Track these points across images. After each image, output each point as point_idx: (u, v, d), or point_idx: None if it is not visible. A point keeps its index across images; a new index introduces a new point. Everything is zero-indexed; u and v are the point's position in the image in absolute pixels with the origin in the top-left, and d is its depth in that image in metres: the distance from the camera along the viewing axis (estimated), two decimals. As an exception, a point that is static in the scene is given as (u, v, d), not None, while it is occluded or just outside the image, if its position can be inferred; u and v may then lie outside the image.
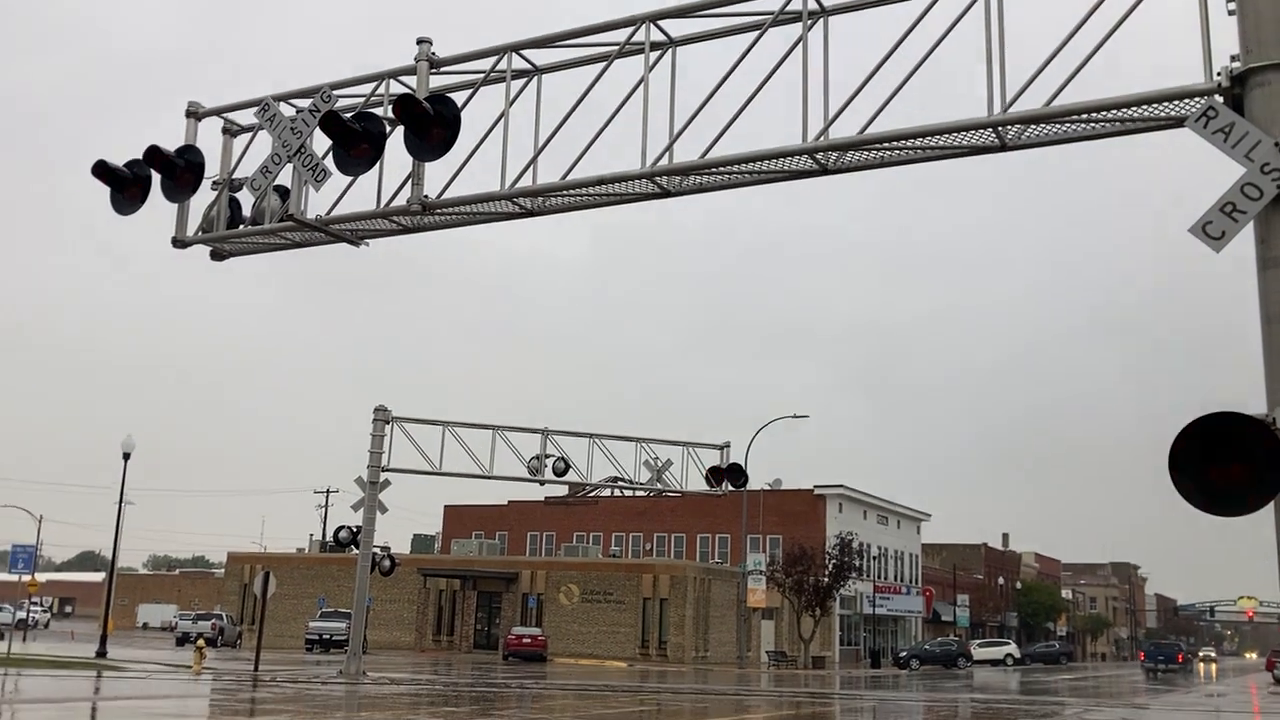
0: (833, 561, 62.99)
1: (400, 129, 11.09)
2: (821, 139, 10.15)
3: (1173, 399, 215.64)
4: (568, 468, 35.85)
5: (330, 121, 11.00)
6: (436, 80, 11.77)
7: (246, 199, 12.63)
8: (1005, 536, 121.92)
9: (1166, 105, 9.00)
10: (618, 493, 73.83)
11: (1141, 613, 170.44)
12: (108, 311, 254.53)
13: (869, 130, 9.95)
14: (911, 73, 9.84)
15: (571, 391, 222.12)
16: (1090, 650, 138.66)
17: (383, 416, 34.80)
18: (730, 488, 37.26)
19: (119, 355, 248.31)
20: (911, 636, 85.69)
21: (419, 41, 11.79)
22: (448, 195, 11.58)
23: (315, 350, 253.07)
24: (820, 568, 62.57)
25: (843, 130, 10.08)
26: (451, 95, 11.49)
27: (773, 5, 10.52)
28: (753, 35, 10.59)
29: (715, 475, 36.20)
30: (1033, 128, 9.73)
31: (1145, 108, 9.09)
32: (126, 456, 39.62)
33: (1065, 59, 9.22)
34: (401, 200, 11.64)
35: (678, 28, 11.08)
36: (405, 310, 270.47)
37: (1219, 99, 8.33)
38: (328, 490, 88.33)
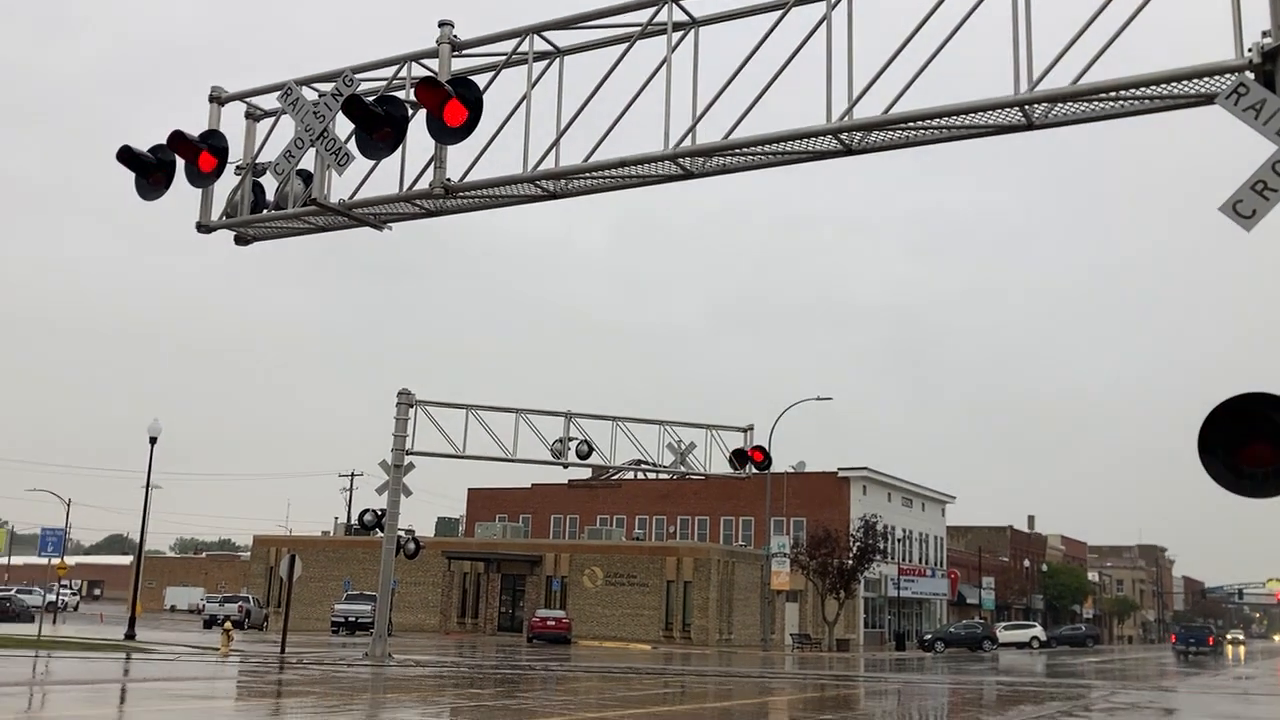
0: (857, 544, 62.92)
1: (422, 112, 11.08)
2: (846, 119, 10.06)
3: (1202, 380, 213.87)
4: (591, 450, 35.95)
5: (352, 105, 10.99)
6: (459, 63, 11.73)
7: (270, 183, 12.65)
8: (1031, 519, 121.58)
9: (1196, 82, 8.88)
10: (641, 475, 74.01)
11: (1169, 595, 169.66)
12: (134, 296, 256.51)
13: (894, 110, 9.86)
14: (936, 51, 9.74)
15: (594, 374, 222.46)
16: (1117, 633, 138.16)
17: (406, 400, 34.92)
18: (754, 470, 37.29)
19: (145, 340, 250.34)
20: (936, 619, 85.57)
21: (441, 24, 11.76)
22: (470, 178, 11.57)
23: (340, 334, 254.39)
24: (844, 550, 62.51)
25: (867, 110, 10.00)
26: (474, 78, 11.47)
27: (796, -16, 10.42)
28: (775, 15, 10.50)
29: (739, 458, 36.25)
30: (1060, 106, 9.63)
31: (1174, 85, 8.97)
32: (153, 441, 39.95)
33: (1093, 36, 9.11)
34: (424, 184, 11.62)
35: (700, 7, 11.02)
36: (429, 294, 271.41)
37: (1250, 75, 8.22)
38: (352, 474, 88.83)
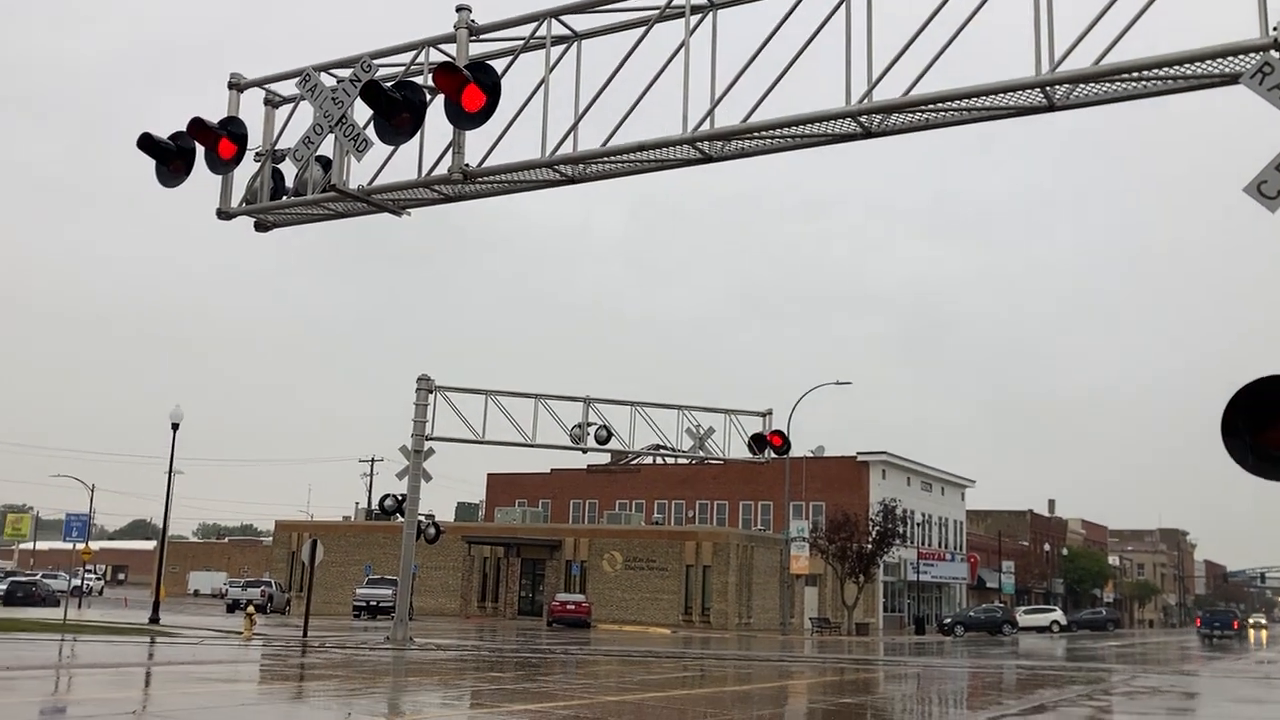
0: (876, 528, 62.89)
1: (440, 97, 11.07)
2: (865, 101, 10.00)
3: (1225, 363, 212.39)
4: (610, 435, 35.97)
5: (371, 91, 10.98)
6: (476, 48, 11.71)
7: (289, 170, 12.66)
8: (1051, 503, 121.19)
9: (1220, 62, 8.78)
10: (660, 460, 74.10)
11: (1190, 579, 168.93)
12: (155, 283, 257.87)
13: (914, 92, 9.80)
14: (956, 33, 9.67)
15: (612, 359, 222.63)
16: (1138, 617, 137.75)
17: (426, 385, 35.01)
18: (773, 455, 37.23)
19: (167, 326, 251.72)
20: (956, 603, 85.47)
21: (458, 9, 11.73)
22: (488, 163, 11.56)
23: (361, 320, 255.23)
24: (863, 534, 62.49)
25: (887, 92, 9.94)
26: (491, 63, 11.45)
27: (815, -34, 10.36)
28: (795, -3, 10.44)
29: (757, 442, 36.21)
30: (1081, 87, 9.54)
31: (1198, 64, 8.88)
32: (175, 427, 40.19)
33: (1115, 15, 9.02)
34: (442, 169, 11.62)
35: (718, -10, 10.93)
36: (447, 280, 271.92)
37: (1275, 54, 8.13)
38: (372, 459, 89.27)
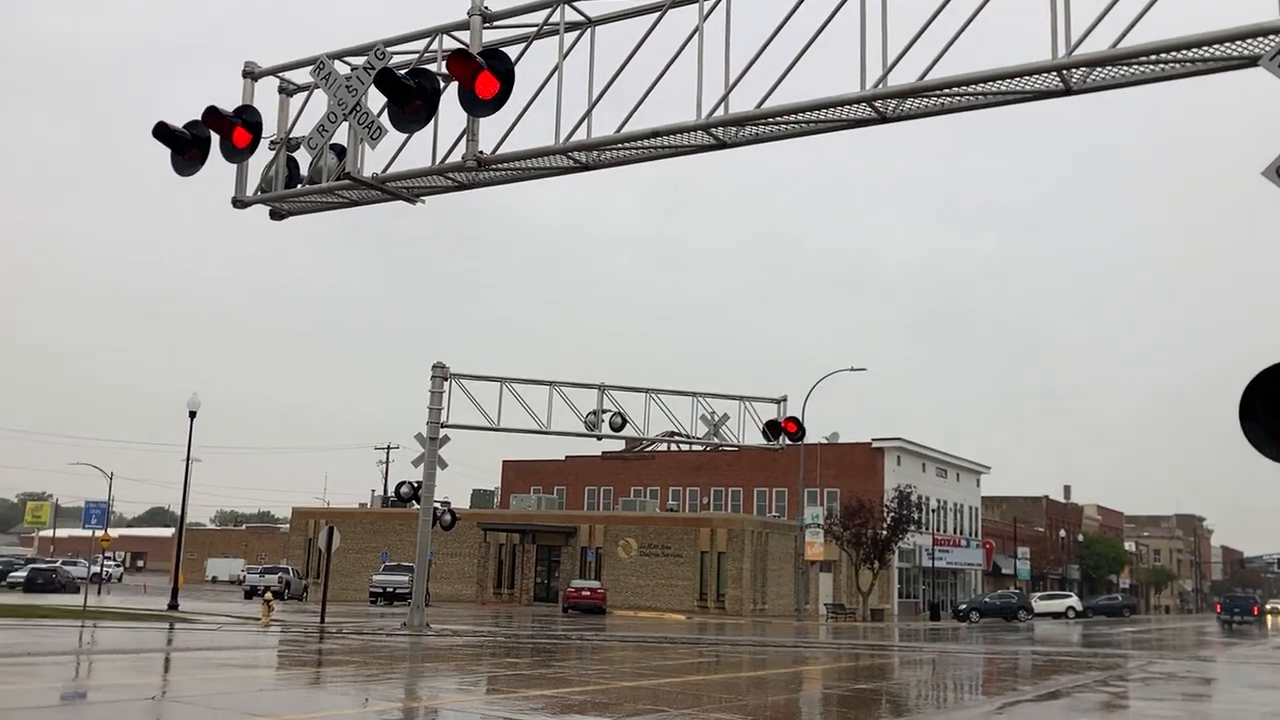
0: (891, 515, 62.83)
1: (454, 85, 11.06)
2: (880, 86, 9.96)
3: (1242, 348, 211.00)
4: (624, 422, 35.98)
5: (385, 78, 10.98)
6: (490, 34, 11.70)
7: (304, 158, 12.68)
8: (1067, 489, 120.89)
9: (1239, 44, 8.71)
10: (674, 447, 74.10)
11: (1207, 565, 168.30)
12: (171, 271, 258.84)
13: (929, 76, 9.75)
14: (972, 17, 9.61)
15: (626, 346, 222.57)
16: (1154, 603, 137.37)
17: (441, 373, 35.08)
18: (787, 441, 37.23)
19: (186, 313, 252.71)
20: (971, 589, 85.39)
21: (472, -5, 11.71)
22: (502, 150, 11.55)
23: (375, 309, 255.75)
24: (878, 521, 62.44)
25: (902, 77, 9.90)
26: (505, 49, 11.43)
27: (828, -51, 10.30)
28: (809, -20, 10.39)
29: (772, 429, 36.20)
30: (1098, 70, 9.48)
31: (1216, 47, 8.81)
32: (192, 415, 40.41)
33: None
34: (456, 156, 11.62)
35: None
36: (464, 266, 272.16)
37: (1295, 36, 8.06)
38: (388, 446, 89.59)
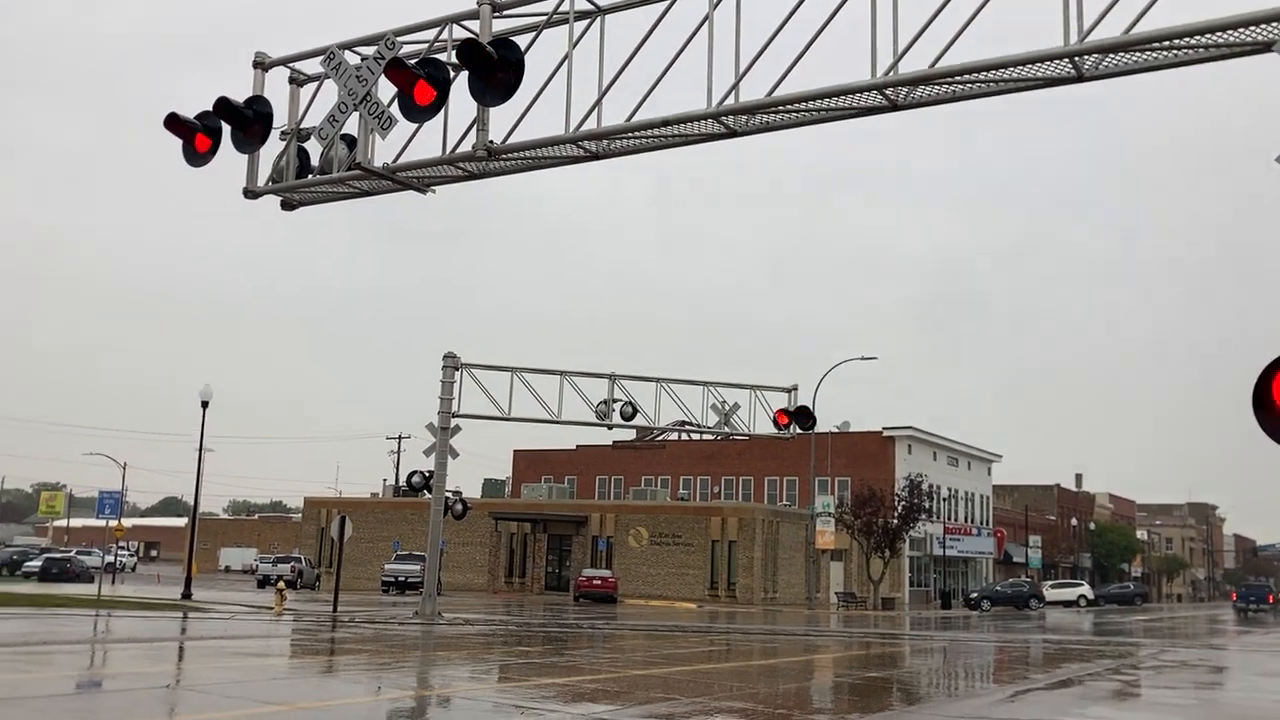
0: (902, 503, 62.79)
1: (464, 74, 11.05)
2: (891, 74, 9.92)
3: (1256, 336, 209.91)
4: (635, 412, 36.00)
5: (395, 68, 11.00)
6: (500, 24, 11.69)
7: (314, 148, 12.70)
8: (1078, 477, 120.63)
9: (1253, 29, 8.65)
10: (685, 436, 74.10)
11: (1219, 553, 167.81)
12: (182, 261, 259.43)
13: (940, 64, 9.71)
14: (984, 3, 9.56)
15: (637, 335, 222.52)
16: (1166, 591, 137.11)
17: (452, 363, 35.12)
18: (798, 430, 37.20)
19: (198, 304, 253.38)
20: (982, 578, 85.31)
21: (481, -15, 11.69)
22: (513, 140, 11.56)
23: (386, 298, 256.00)
24: (889, 509, 62.40)
25: (913, 65, 9.85)
26: (515, 39, 11.42)
27: (839, -64, 10.24)
28: (819, -32, 10.34)
29: (783, 418, 36.17)
30: (1110, 57, 9.42)
31: (1231, 32, 8.75)
32: (205, 405, 40.56)
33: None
34: (467, 146, 11.62)
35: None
36: (472, 258, 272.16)
37: (1309, 21, 8.01)
38: (400, 436, 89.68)
